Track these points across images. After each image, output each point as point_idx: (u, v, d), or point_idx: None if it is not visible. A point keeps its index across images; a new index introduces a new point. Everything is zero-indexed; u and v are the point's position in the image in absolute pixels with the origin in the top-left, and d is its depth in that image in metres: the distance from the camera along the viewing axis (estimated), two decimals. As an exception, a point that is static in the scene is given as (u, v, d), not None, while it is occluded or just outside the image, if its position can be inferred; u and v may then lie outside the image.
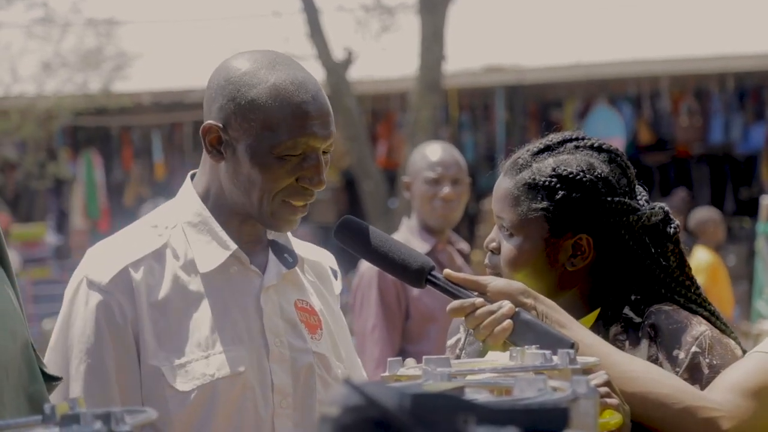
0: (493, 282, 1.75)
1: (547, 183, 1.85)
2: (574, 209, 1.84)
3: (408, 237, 3.94)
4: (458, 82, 10.99)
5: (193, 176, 1.96)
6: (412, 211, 4.01)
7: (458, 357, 1.98)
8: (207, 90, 1.88)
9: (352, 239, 1.84)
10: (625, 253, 1.87)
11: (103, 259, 1.86)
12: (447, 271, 1.78)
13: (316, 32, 9.82)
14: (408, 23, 10.87)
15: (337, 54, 9.91)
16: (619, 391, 1.66)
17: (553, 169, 1.85)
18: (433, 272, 1.77)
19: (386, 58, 11.11)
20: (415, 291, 3.85)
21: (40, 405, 1.56)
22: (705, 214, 7.51)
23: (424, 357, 1.37)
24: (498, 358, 1.77)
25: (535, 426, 0.93)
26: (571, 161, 1.86)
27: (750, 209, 10.36)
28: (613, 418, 1.63)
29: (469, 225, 10.35)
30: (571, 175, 1.84)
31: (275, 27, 11.18)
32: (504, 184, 1.89)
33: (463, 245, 4.10)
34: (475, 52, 11.19)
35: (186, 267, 1.87)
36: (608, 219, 1.85)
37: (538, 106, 11.93)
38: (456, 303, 1.73)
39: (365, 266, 3.90)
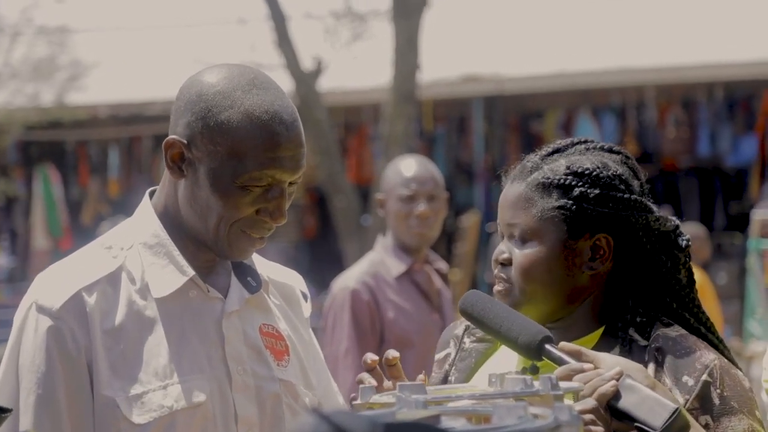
0: (609, 358, 1.74)
1: (562, 181, 1.86)
2: (592, 206, 1.86)
3: (383, 256, 3.94)
4: (434, 92, 11.02)
5: (152, 194, 1.95)
6: (387, 230, 4.01)
7: (447, 373, 1.99)
8: (176, 101, 1.87)
9: (473, 317, 1.84)
10: (641, 258, 1.89)
11: (55, 283, 1.84)
12: (563, 343, 1.76)
13: (283, 40, 9.82)
14: (381, 31, 10.90)
15: (307, 63, 9.93)
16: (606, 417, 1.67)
17: (567, 167, 1.87)
18: (548, 345, 1.74)
19: (358, 68, 11.13)
20: (390, 313, 3.85)
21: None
22: (690, 230, 7.57)
23: (398, 383, 1.37)
24: (479, 384, 1.78)
25: (515, 455, 0.93)
26: (584, 160, 1.89)
27: (741, 224, 10.44)
28: (598, 446, 1.64)
29: (447, 243, 10.36)
30: (587, 172, 1.87)
31: (241, 35, 11.19)
32: (513, 189, 1.89)
33: (442, 264, 4.10)
34: (452, 60, 11.23)
35: (142, 291, 1.85)
36: (626, 217, 1.87)
37: (518, 117, 11.99)
38: (565, 367, 1.71)
39: (338, 287, 3.89)
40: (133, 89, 11.74)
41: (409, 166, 3.95)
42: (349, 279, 3.90)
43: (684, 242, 1.94)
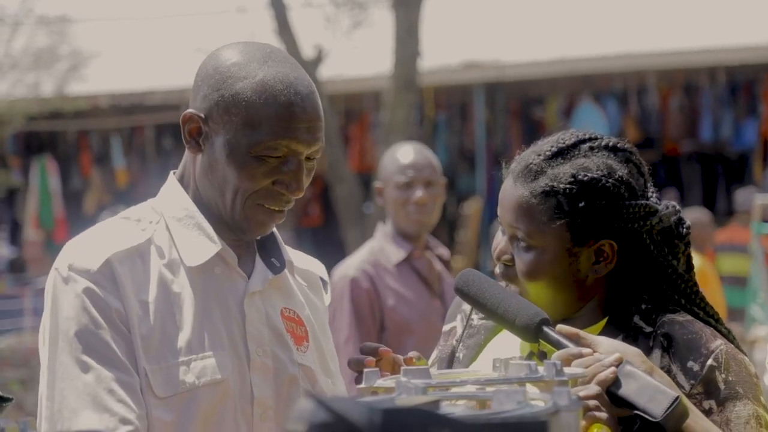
0: (606, 342, 1.74)
1: (567, 190, 1.83)
2: (597, 216, 1.84)
3: (383, 244, 3.94)
4: (435, 79, 11.01)
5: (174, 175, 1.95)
6: (387, 217, 4.01)
7: (454, 348, 1.99)
8: (195, 77, 1.88)
9: (469, 297, 1.84)
10: (644, 257, 1.89)
11: (87, 248, 1.84)
12: (560, 326, 1.77)
13: (284, 29, 9.82)
14: (381, 18, 10.89)
15: (307, 52, 9.92)
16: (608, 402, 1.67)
17: (573, 176, 1.84)
18: (546, 327, 1.75)
19: (358, 56, 11.12)
20: (390, 301, 3.86)
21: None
22: (693, 216, 7.57)
23: (402, 368, 1.38)
24: (483, 368, 1.78)
25: (513, 440, 0.93)
26: (589, 165, 1.86)
27: (743, 209, 10.42)
28: (601, 432, 1.64)
29: (449, 230, 10.37)
30: (593, 181, 1.84)
31: (241, 23, 11.17)
32: (516, 192, 1.86)
33: (443, 250, 4.10)
34: (453, 47, 11.21)
35: (170, 265, 1.86)
36: (631, 224, 1.86)
37: (519, 103, 11.98)
38: (564, 351, 1.72)
39: (338, 275, 3.90)
40: (133, 79, 11.74)
41: (405, 153, 3.95)
42: (348, 267, 3.90)
43: (684, 230, 1.93)
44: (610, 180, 1.85)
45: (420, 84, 9.99)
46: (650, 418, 1.64)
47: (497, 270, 1.90)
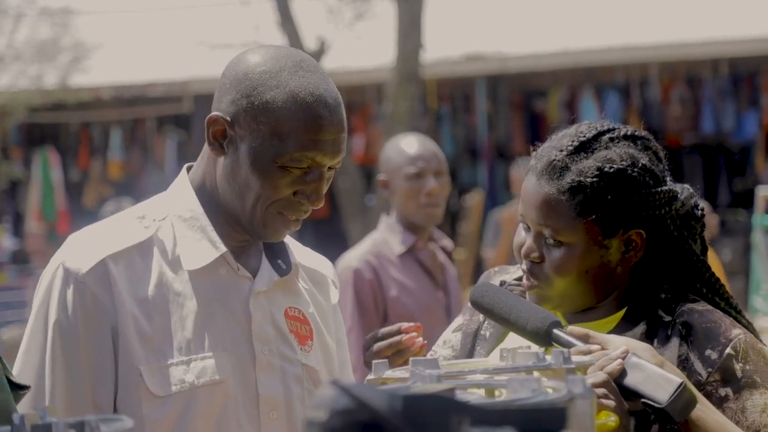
0: (617, 339, 1.76)
1: (595, 184, 1.84)
2: (625, 206, 1.86)
3: (386, 235, 3.94)
4: (437, 71, 11.00)
5: (189, 169, 1.95)
6: (391, 209, 4.01)
7: (480, 325, 2.00)
8: (221, 79, 1.88)
9: (483, 308, 1.87)
10: (668, 244, 1.90)
11: (83, 247, 1.86)
12: (571, 327, 1.78)
13: (286, 21, 9.81)
14: (383, 10, 10.88)
15: (310, 43, 9.91)
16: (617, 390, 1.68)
17: (598, 169, 1.85)
18: (556, 330, 1.77)
19: (361, 48, 11.11)
20: (393, 291, 3.86)
21: (8, 415, 1.56)
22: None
23: (411, 359, 1.38)
24: (492, 358, 1.79)
25: (532, 427, 0.94)
26: (613, 157, 1.87)
27: (745, 201, 10.44)
28: (610, 419, 1.65)
29: (451, 222, 10.37)
30: (619, 173, 1.85)
31: (244, 15, 11.17)
32: (542, 189, 1.87)
33: (447, 242, 4.11)
34: (455, 39, 11.21)
35: (172, 263, 1.86)
36: (658, 210, 1.88)
37: (521, 95, 11.97)
38: (573, 349, 1.73)
39: (341, 266, 3.90)
40: (136, 71, 11.73)
41: (410, 144, 3.94)
42: (351, 258, 3.91)
43: (699, 212, 1.95)
44: (635, 170, 1.87)
45: (422, 76, 9.98)
46: (656, 405, 1.65)
47: (523, 267, 1.91)
